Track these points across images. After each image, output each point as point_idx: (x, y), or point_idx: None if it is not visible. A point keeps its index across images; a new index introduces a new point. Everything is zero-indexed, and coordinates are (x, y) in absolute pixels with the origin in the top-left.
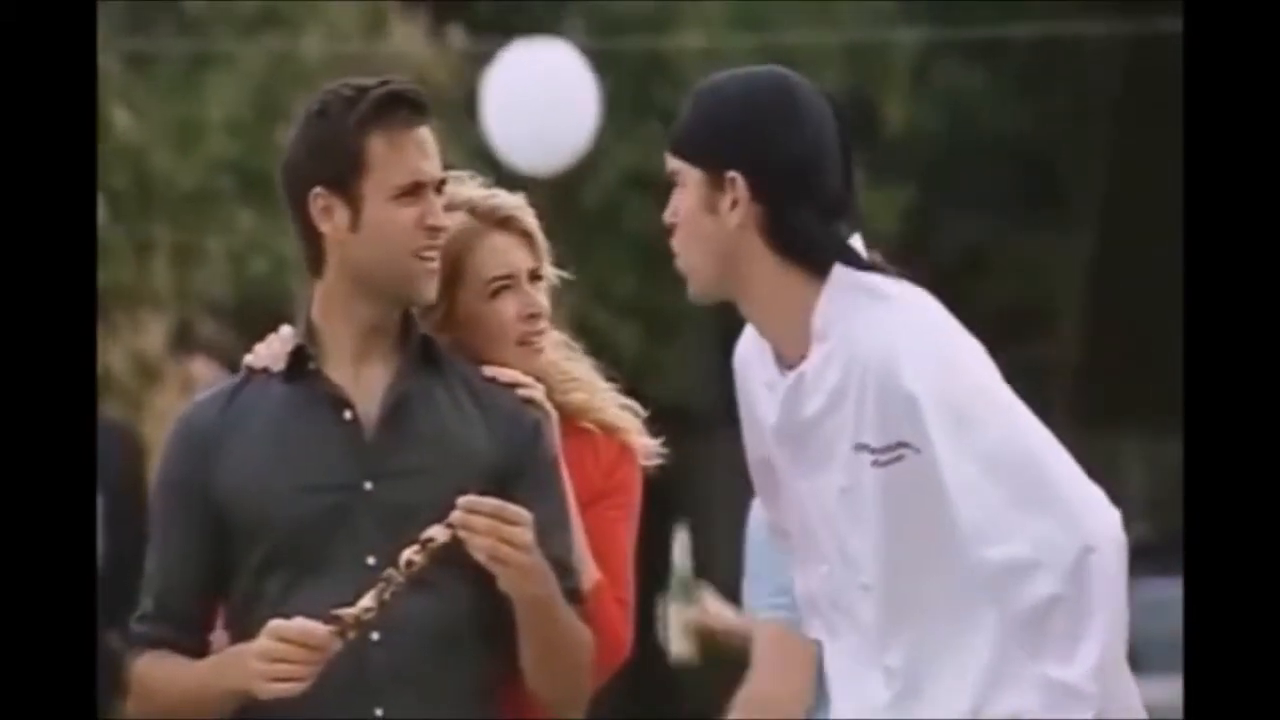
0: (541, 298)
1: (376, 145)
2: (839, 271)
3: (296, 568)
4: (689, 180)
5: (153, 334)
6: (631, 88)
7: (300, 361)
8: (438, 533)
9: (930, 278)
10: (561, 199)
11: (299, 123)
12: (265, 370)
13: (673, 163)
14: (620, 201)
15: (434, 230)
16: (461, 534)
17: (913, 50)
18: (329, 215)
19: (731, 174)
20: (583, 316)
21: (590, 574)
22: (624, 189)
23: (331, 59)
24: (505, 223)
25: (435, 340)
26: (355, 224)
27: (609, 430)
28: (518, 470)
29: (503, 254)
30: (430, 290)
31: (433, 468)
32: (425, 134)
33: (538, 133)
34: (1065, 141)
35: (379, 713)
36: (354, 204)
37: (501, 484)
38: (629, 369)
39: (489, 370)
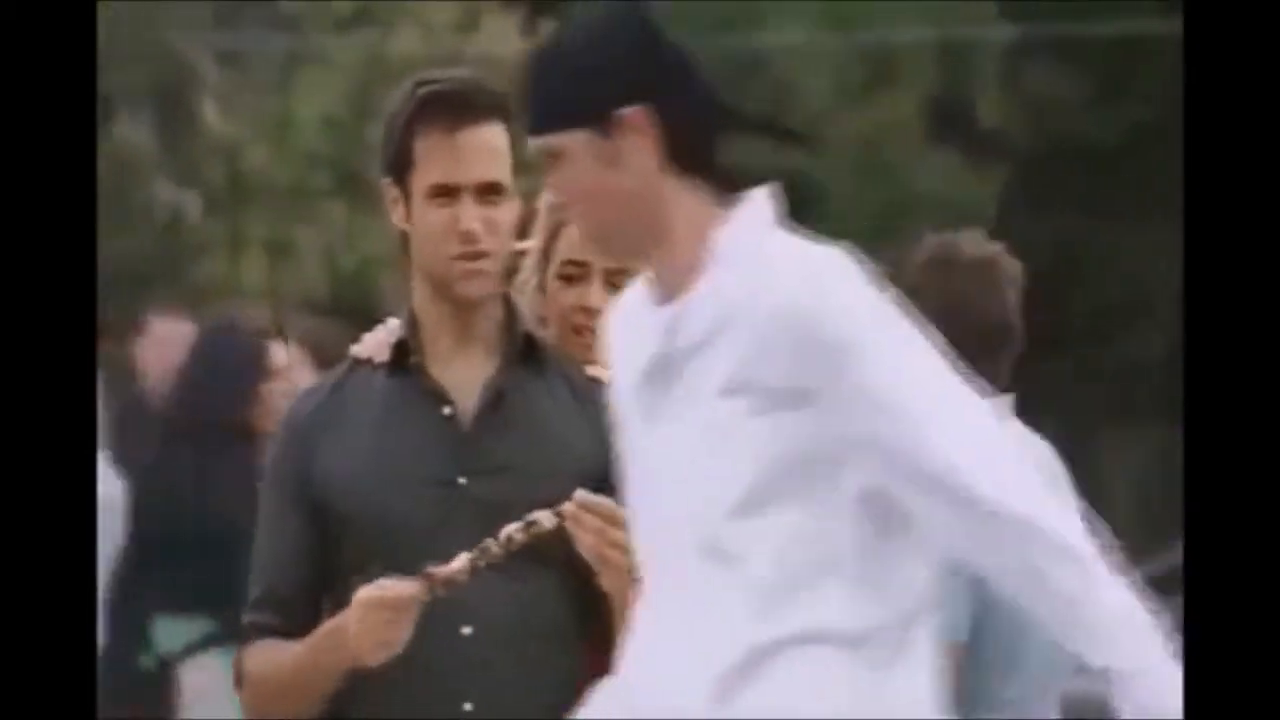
0: (600, 296)
1: (420, 142)
2: (753, 200)
3: (393, 562)
4: (570, 147)
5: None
6: (722, 86)
7: (402, 355)
8: (544, 518)
9: (1027, 272)
10: None
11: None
12: (370, 361)
13: (542, 142)
14: None
15: (465, 236)
16: (569, 526)
17: (1004, 48)
18: (395, 206)
19: (621, 113)
20: None
21: None
22: None
23: (424, 56)
24: None
25: (538, 336)
26: (408, 217)
27: None
28: (614, 473)
29: (581, 241)
30: (470, 291)
31: (528, 465)
32: (473, 136)
33: None
34: (1156, 141)
35: (468, 707)
36: (406, 198)
37: (599, 486)
38: None
39: (595, 370)
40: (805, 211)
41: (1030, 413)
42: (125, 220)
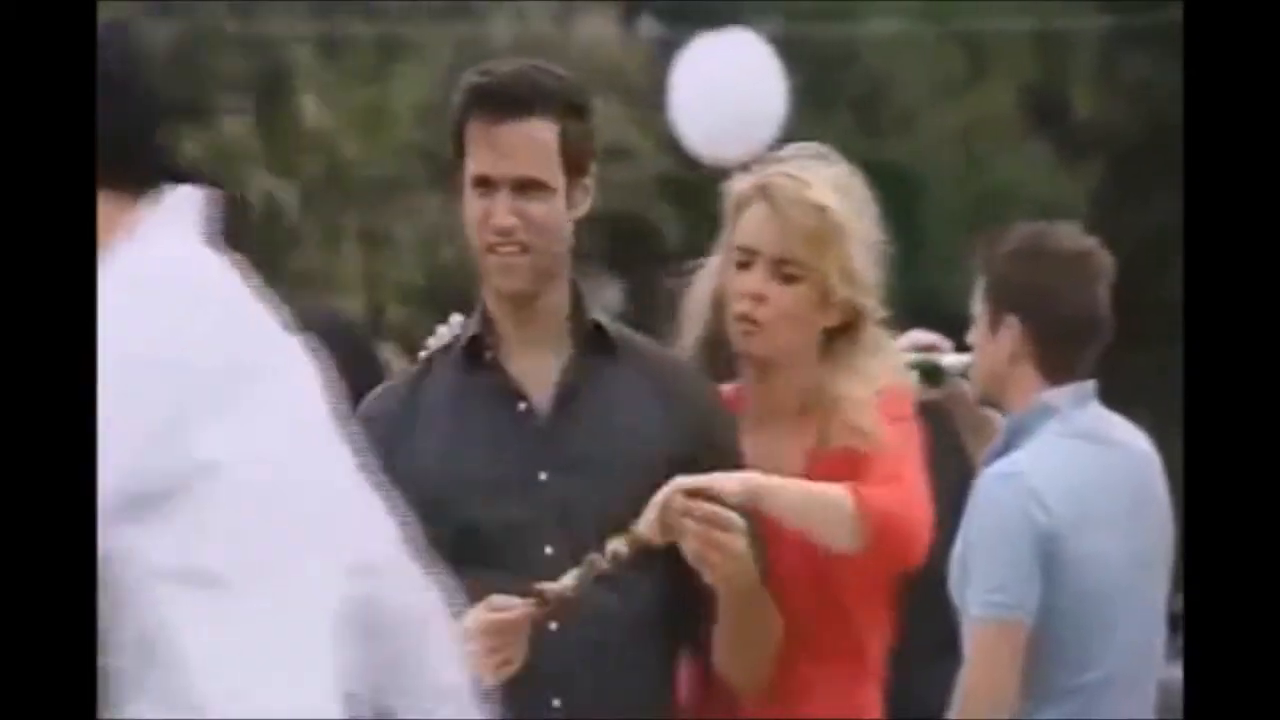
0: (766, 285)
1: (469, 132)
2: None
3: (475, 559)
4: None
5: None
6: (820, 76)
7: (477, 350)
8: (646, 528)
9: (1118, 263)
10: None
11: None
12: (445, 353)
13: None
14: None
15: (497, 229)
16: (673, 528)
17: (1099, 38)
18: (461, 194)
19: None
20: None
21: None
22: None
23: (519, 46)
24: (768, 194)
25: (609, 325)
26: (461, 203)
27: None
28: (694, 463)
29: (753, 227)
30: (504, 285)
31: (606, 458)
32: (515, 130)
33: (726, 122)
34: None
35: (556, 703)
36: (459, 187)
37: (679, 474)
38: None
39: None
40: (900, 203)
41: (1120, 402)
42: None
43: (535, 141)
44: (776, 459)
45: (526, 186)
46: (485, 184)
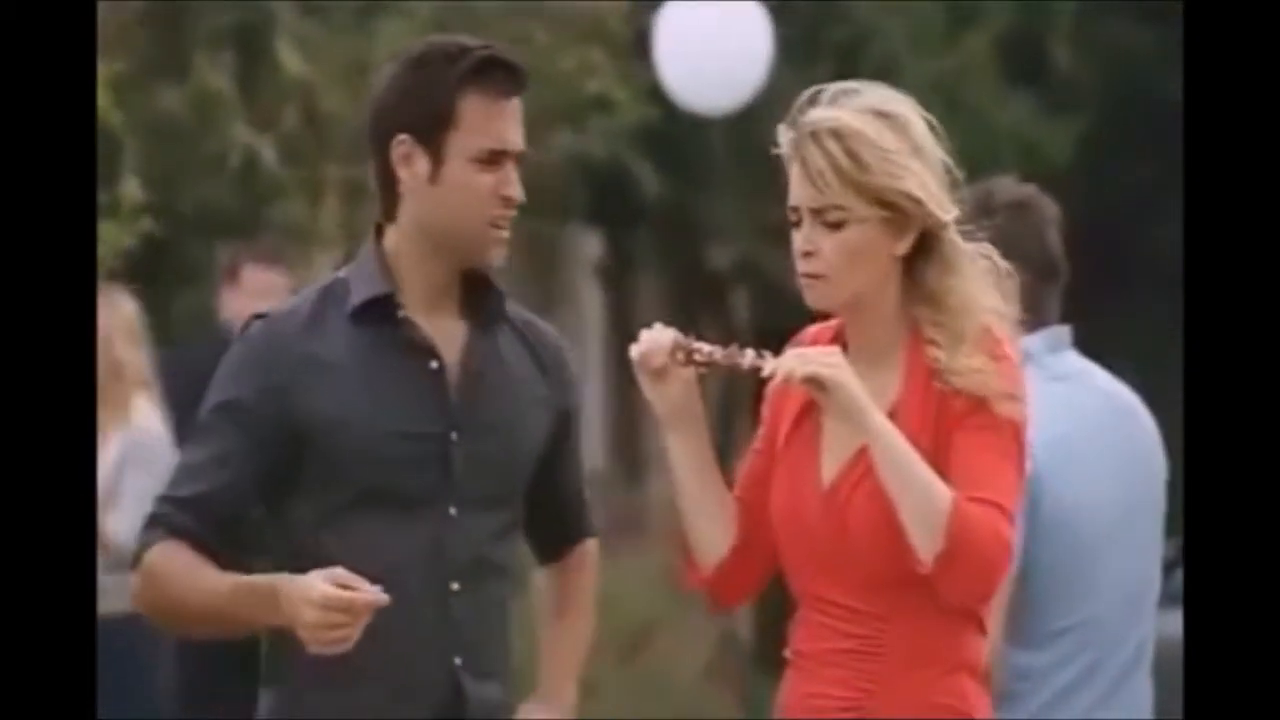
0: (813, 238)
1: (469, 105)
2: None
3: (381, 510)
4: None
5: (323, 271)
6: (804, 30)
7: (387, 307)
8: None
9: (1107, 210)
10: (740, 141)
11: (395, 67)
12: (330, 306)
13: None
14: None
15: (508, 200)
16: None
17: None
18: (408, 163)
19: None
20: (755, 255)
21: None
22: None
23: (502, 5)
24: (797, 149)
25: (501, 291)
26: (434, 177)
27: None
28: (571, 409)
29: (794, 186)
30: (497, 257)
31: (511, 420)
32: (517, 105)
33: (710, 70)
34: None
35: (458, 661)
36: (436, 158)
37: (562, 423)
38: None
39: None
40: None
41: (1107, 353)
42: (203, 164)
43: (520, 118)
44: (871, 394)
45: (518, 160)
46: (494, 158)
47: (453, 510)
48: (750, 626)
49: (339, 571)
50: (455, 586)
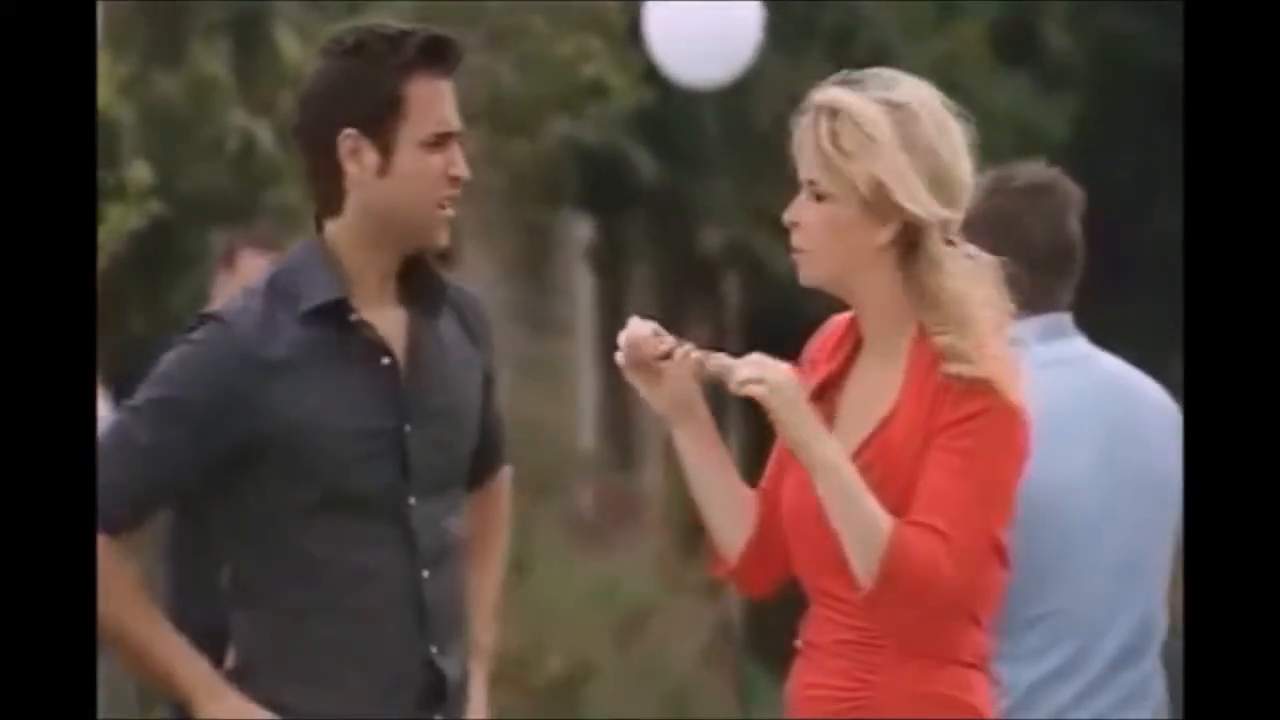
0: (801, 209)
1: (416, 91)
2: None
3: (348, 509)
4: None
5: None
6: (791, 20)
7: (340, 309)
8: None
9: (1104, 190)
10: (732, 120)
11: (327, 59)
12: (280, 307)
13: None
14: (783, 123)
15: (456, 180)
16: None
17: None
18: (357, 157)
19: None
20: (747, 240)
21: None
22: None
23: None
24: (801, 123)
25: (441, 276)
26: (385, 169)
27: (969, 383)
28: (490, 360)
29: (798, 158)
30: (445, 237)
31: (459, 404)
32: (451, 84)
33: (702, 44)
34: None
35: (434, 650)
36: (386, 148)
37: (488, 376)
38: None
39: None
40: None
41: (1105, 333)
42: (199, 149)
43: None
44: (877, 388)
45: (458, 140)
46: (444, 140)
47: (412, 500)
48: (744, 613)
49: (245, 706)
50: (426, 574)
